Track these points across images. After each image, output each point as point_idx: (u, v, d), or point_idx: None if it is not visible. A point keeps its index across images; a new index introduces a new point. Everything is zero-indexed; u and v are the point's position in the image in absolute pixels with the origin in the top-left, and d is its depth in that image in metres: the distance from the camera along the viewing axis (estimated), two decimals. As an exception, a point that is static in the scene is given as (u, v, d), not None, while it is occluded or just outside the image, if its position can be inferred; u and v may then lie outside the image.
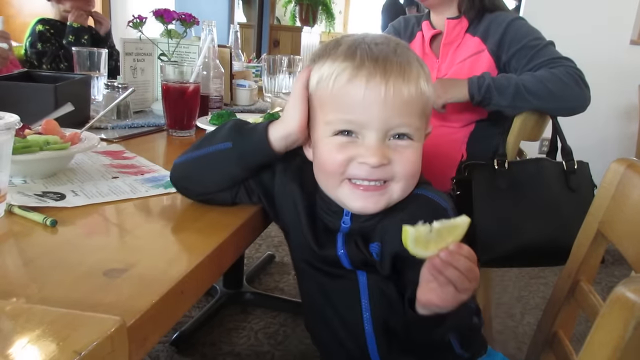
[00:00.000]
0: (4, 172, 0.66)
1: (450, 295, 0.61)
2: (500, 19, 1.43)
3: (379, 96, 0.67)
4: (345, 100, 0.68)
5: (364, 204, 0.71)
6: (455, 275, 0.60)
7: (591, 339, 0.43)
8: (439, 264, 0.60)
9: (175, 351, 1.66)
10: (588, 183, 1.33)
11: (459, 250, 0.60)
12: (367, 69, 0.67)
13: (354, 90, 0.67)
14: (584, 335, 0.46)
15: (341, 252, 0.75)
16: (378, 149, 0.68)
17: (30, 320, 0.42)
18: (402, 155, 0.69)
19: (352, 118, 0.68)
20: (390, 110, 0.67)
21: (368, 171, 0.69)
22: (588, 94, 1.32)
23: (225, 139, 0.75)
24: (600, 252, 0.81)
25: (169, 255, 0.64)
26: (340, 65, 0.69)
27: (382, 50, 0.69)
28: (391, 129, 0.69)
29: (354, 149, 0.69)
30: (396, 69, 0.68)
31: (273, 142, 0.73)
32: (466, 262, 0.60)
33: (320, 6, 6.44)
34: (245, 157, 0.74)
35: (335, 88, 0.69)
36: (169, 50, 1.46)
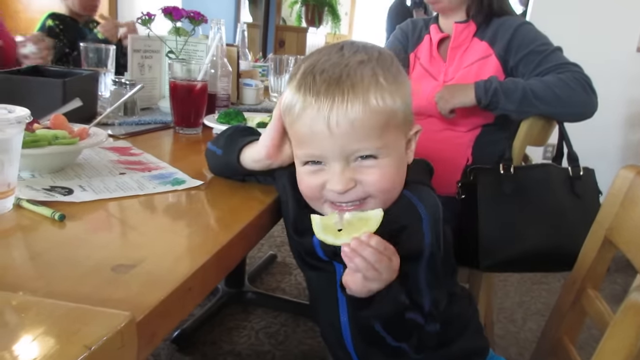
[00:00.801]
0: (13, 166, 0.66)
1: (359, 282, 0.65)
2: (508, 23, 1.43)
3: (325, 130, 0.67)
4: (300, 136, 0.71)
5: None
6: (362, 264, 0.63)
7: (603, 346, 0.43)
8: (347, 252, 0.64)
9: (176, 349, 1.65)
10: (593, 189, 1.32)
11: (367, 240, 0.63)
12: (310, 104, 0.68)
13: (304, 127, 0.70)
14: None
15: (316, 240, 0.76)
16: (342, 176, 0.69)
17: (40, 314, 0.42)
18: (370, 176, 0.70)
19: (311, 152, 0.71)
20: (340, 139, 0.68)
21: (339, 196, 0.71)
22: (595, 100, 1.31)
23: (220, 145, 0.86)
24: (607, 259, 0.81)
25: (177, 252, 0.64)
26: (294, 95, 0.70)
27: (325, 79, 0.68)
28: (352, 154, 0.69)
29: (323, 177, 0.71)
30: (338, 96, 0.67)
31: (245, 163, 0.81)
32: (373, 253, 0.63)
33: (326, 7, 6.45)
34: (228, 168, 0.84)
35: (292, 122, 0.72)
36: (177, 48, 1.46)
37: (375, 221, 0.65)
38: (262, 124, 1.15)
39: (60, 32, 2.36)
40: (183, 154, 1.12)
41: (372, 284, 0.66)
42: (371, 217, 0.65)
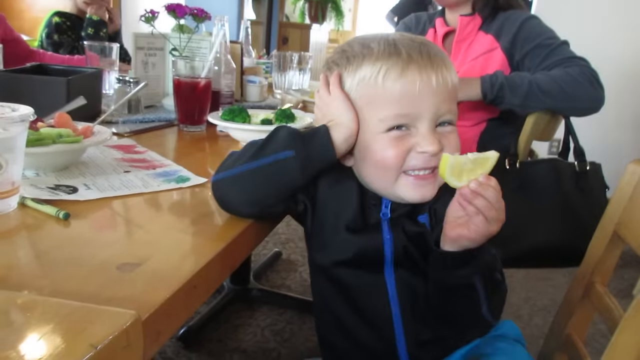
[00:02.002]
0: (17, 165, 0.66)
1: (481, 226, 0.64)
2: (514, 17, 1.42)
3: (432, 87, 0.70)
4: (399, 95, 0.71)
5: (423, 193, 0.73)
6: (484, 204, 0.63)
7: (615, 342, 0.42)
8: (468, 194, 0.63)
9: (182, 347, 1.66)
10: (600, 184, 1.31)
11: (487, 181, 0.63)
12: (416, 62, 0.70)
13: (408, 84, 0.70)
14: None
15: (387, 237, 0.76)
16: (434, 137, 0.71)
17: (46, 313, 0.41)
18: (450, 141, 0.73)
19: (407, 111, 0.71)
20: (440, 99, 0.71)
21: (426, 159, 0.71)
22: (602, 95, 1.30)
23: (285, 147, 0.71)
24: (616, 254, 0.80)
25: (182, 250, 0.64)
26: (387, 62, 0.71)
27: (421, 43, 0.73)
28: (439, 117, 0.72)
29: (410, 141, 0.71)
30: (439, 59, 0.72)
31: (338, 145, 0.73)
32: (493, 192, 0.63)
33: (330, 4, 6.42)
34: (310, 164, 0.71)
35: (387, 84, 0.71)
36: (181, 45, 1.45)
37: (491, 162, 0.64)
38: (267, 120, 1.14)
39: (67, 29, 2.38)
40: (187, 151, 1.12)
41: (493, 226, 0.64)
42: (489, 158, 0.65)
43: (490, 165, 0.64)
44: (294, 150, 0.71)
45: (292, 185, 0.73)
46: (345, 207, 0.78)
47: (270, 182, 0.71)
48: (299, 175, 0.71)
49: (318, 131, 0.73)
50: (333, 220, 0.78)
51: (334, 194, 0.78)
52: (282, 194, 0.73)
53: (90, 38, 2.18)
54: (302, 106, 1.62)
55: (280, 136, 0.73)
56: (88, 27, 2.34)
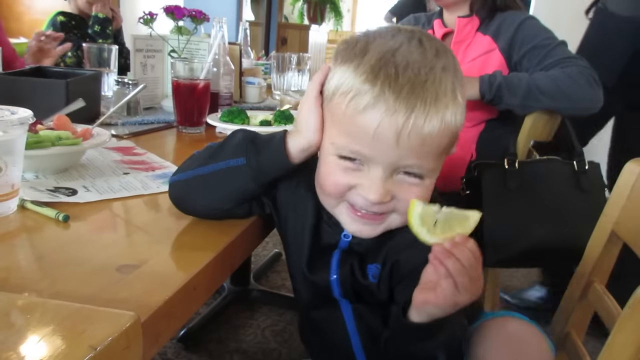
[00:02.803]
0: (17, 167, 0.66)
1: (448, 291, 0.56)
2: (512, 18, 1.42)
3: (393, 135, 0.60)
4: (356, 129, 0.62)
5: (360, 229, 0.67)
6: (456, 267, 0.56)
7: (612, 340, 0.43)
8: (442, 252, 0.57)
9: (182, 348, 1.66)
10: (599, 184, 1.32)
11: (464, 242, 0.57)
12: (385, 102, 0.60)
13: (367, 122, 0.61)
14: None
15: (334, 277, 0.71)
16: (381, 186, 0.63)
17: (45, 315, 0.42)
18: (408, 193, 0.64)
19: (360, 150, 0.63)
20: (403, 150, 0.61)
21: (368, 205, 0.64)
22: (600, 94, 1.30)
23: (236, 153, 0.68)
24: (614, 253, 0.80)
25: (181, 252, 0.64)
26: (360, 85, 0.61)
27: (409, 78, 0.60)
28: (400, 168, 0.63)
29: (357, 178, 0.64)
30: (420, 105, 0.60)
31: (293, 154, 0.67)
32: (469, 257, 0.56)
33: (328, 4, 6.43)
34: (262, 173, 0.68)
35: (349, 111, 0.62)
36: (179, 47, 1.46)
37: (472, 222, 0.58)
38: (265, 122, 1.14)
39: (72, 27, 2.39)
40: (186, 153, 1.10)
41: (462, 296, 0.57)
42: (469, 218, 0.58)
43: (470, 226, 0.58)
44: (245, 157, 0.67)
45: (246, 193, 0.70)
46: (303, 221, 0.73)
47: (221, 188, 0.69)
48: (251, 184, 0.68)
49: (274, 138, 0.69)
50: (292, 233, 0.74)
51: (293, 201, 0.74)
52: (237, 199, 0.70)
53: (97, 35, 2.19)
54: (301, 107, 1.62)
55: (234, 142, 0.70)
56: (94, 25, 2.36)
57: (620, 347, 0.41)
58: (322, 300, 0.74)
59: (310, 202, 0.72)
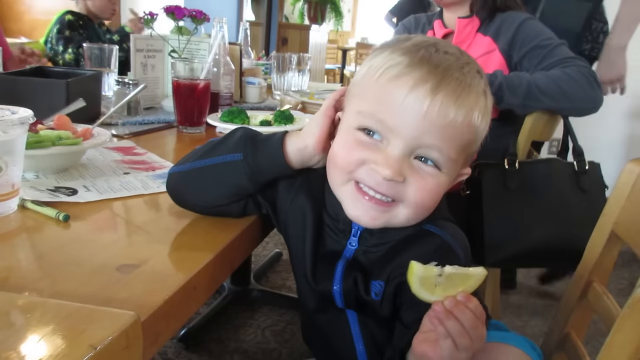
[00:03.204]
0: (17, 167, 0.66)
1: (447, 351, 0.54)
2: (512, 18, 1.42)
3: (421, 107, 0.59)
4: (383, 97, 0.61)
5: (361, 214, 0.65)
6: (457, 328, 0.54)
7: (611, 340, 0.43)
8: (441, 312, 0.54)
9: (183, 347, 1.66)
10: (599, 184, 1.32)
11: (466, 301, 0.54)
12: (419, 73, 0.60)
13: (397, 90, 0.60)
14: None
15: (336, 287, 0.69)
16: (396, 162, 0.61)
17: (45, 315, 0.42)
18: (420, 180, 0.62)
19: (384, 118, 0.61)
20: (427, 126, 0.60)
21: (377, 181, 0.62)
22: (601, 95, 1.30)
23: (234, 149, 0.68)
24: (614, 254, 0.80)
25: (181, 252, 0.64)
26: (395, 58, 0.62)
27: (446, 60, 0.61)
28: (420, 147, 0.61)
29: (372, 153, 0.62)
30: (452, 86, 0.60)
31: (289, 154, 0.67)
32: (471, 318, 0.54)
33: (329, 4, 6.43)
34: (257, 170, 0.68)
35: (380, 81, 0.62)
36: (180, 47, 1.46)
37: (476, 280, 0.55)
38: (266, 122, 1.15)
39: (79, 26, 2.41)
40: (187, 152, 1.12)
41: (462, 354, 0.55)
42: (472, 276, 0.55)
43: (473, 284, 0.55)
44: (242, 153, 0.67)
45: (240, 189, 0.70)
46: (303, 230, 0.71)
47: (216, 182, 0.69)
48: (245, 181, 0.68)
49: (273, 136, 0.69)
50: (293, 240, 0.73)
51: (293, 209, 0.72)
52: (231, 196, 0.70)
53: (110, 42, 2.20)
54: (301, 107, 1.62)
55: (234, 138, 0.70)
56: (116, 34, 2.44)
57: (619, 346, 0.41)
58: (327, 305, 0.73)
59: (309, 209, 0.71)
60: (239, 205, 0.72)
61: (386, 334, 0.70)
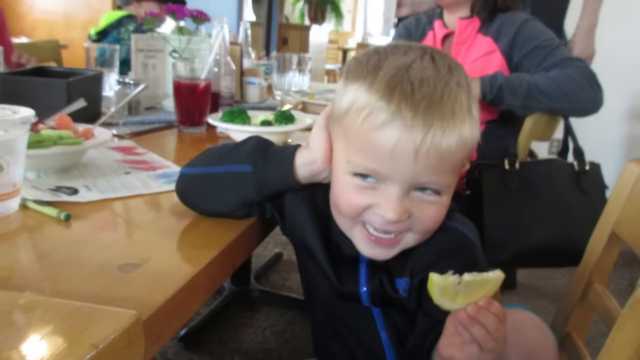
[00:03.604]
0: (19, 166, 0.66)
1: (474, 355, 0.57)
2: (513, 19, 1.42)
3: (411, 152, 0.59)
4: (372, 147, 0.61)
5: (375, 253, 0.66)
6: (482, 333, 0.56)
7: (612, 340, 0.43)
8: (465, 319, 0.56)
9: (183, 347, 1.66)
10: (599, 184, 1.32)
11: (488, 306, 0.56)
12: (402, 119, 0.58)
13: (385, 139, 0.59)
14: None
15: (364, 289, 0.71)
16: (398, 205, 0.61)
17: (47, 314, 0.42)
18: (424, 212, 0.63)
19: (377, 168, 0.61)
20: (421, 167, 0.60)
21: (384, 224, 0.63)
22: (601, 96, 1.31)
23: (245, 160, 0.69)
24: (614, 254, 0.80)
25: (182, 251, 0.64)
26: (375, 103, 0.60)
27: (425, 94, 0.59)
28: (417, 185, 0.62)
29: (373, 197, 0.63)
30: (438, 120, 0.59)
31: (298, 168, 0.68)
32: (494, 321, 0.56)
33: (329, 5, 6.43)
34: (265, 184, 0.68)
35: (365, 128, 0.61)
36: (181, 47, 1.46)
37: (494, 284, 0.56)
38: (266, 122, 1.15)
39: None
40: (187, 152, 1.12)
41: (487, 357, 0.57)
42: (490, 280, 0.56)
43: (492, 288, 0.56)
44: (252, 165, 0.68)
45: (247, 199, 0.71)
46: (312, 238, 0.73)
47: (223, 191, 0.70)
48: (253, 192, 0.69)
49: (285, 150, 0.69)
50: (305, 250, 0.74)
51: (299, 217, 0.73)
52: (236, 204, 0.71)
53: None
54: (301, 107, 1.63)
55: (246, 147, 0.71)
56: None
57: (619, 346, 0.41)
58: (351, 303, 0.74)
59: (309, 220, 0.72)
60: (244, 211, 0.73)
61: (408, 323, 0.72)
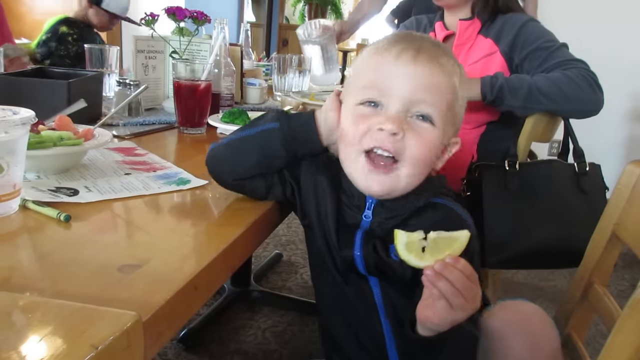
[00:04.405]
0: (19, 167, 0.67)
1: (443, 311, 0.59)
2: (513, 20, 1.42)
3: (409, 67, 0.71)
4: (376, 68, 0.73)
5: (370, 183, 0.72)
6: (447, 288, 0.58)
7: (611, 341, 0.43)
8: (432, 275, 0.59)
9: (183, 348, 1.66)
10: (599, 185, 1.32)
11: (454, 263, 0.59)
12: (407, 42, 0.73)
13: (389, 57, 0.72)
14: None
15: (357, 253, 0.75)
16: (396, 118, 0.70)
17: (47, 315, 0.42)
18: (418, 135, 0.71)
19: (380, 83, 0.72)
20: (417, 83, 0.71)
21: (381, 138, 0.70)
22: (601, 97, 1.30)
23: (271, 120, 0.77)
24: (614, 255, 0.80)
25: (182, 252, 0.64)
26: (381, 42, 0.75)
27: (424, 38, 0.75)
28: (414, 104, 0.71)
29: (375, 118, 0.71)
30: (430, 54, 0.72)
31: (319, 125, 0.76)
32: (460, 277, 0.58)
33: (330, 6, 6.43)
34: (291, 138, 0.76)
35: (372, 57, 0.75)
36: (181, 48, 1.46)
37: (461, 243, 0.59)
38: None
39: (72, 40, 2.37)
40: (188, 153, 1.12)
41: (458, 314, 0.60)
42: (458, 239, 0.60)
43: (460, 246, 0.59)
44: (279, 122, 0.76)
45: (273, 157, 0.77)
46: (323, 202, 0.78)
47: (254, 150, 0.77)
48: (280, 147, 0.76)
49: (304, 113, 0.79)
50: (315, 215, 0.79)
51: (314, 184, 0.79)
52: (266, 164, 0.78)
53: None
54: (302, 108, 1.62)
55: (270, 114, 0.80)
56: None
57: (619, 347, 0.41)
58: (349, 273, 0.78)
59: (328, 186, 0.78)
60: (266, 182, 0.78)
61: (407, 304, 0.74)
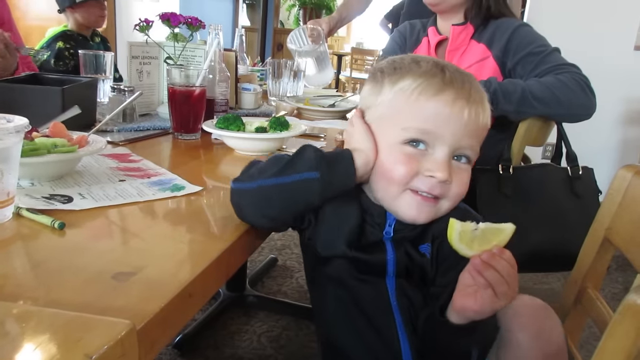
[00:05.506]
0: (12, 175, 0.66)
1: (488, 299, 0.63)
2: (506, 25, 1.43)
3: (462, 116, 0.71)
4: (428, 112, 0.72)
5: (417, 215, 0.74)
6: (495, 277, 0.62)
7: (603, 346, 0.43)
8: (480, 265, 0.62)
9: (178, 354, 1.65)
10: (592, 189, 1.33)
11: (501, 253, 0.62)
12: (455, 88, 0.72)
13: (442, 104, 0.71)
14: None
15: (391, 256, 0.77)
16: (446, 166, 0.71)
17: (41, 323, 0.42)
18: (460, 177, 0.73)
19: (431, 129, 0.71)
20: (466, 131, 0.72)
21: (432, 185, 0.72)
22: (594, 101, 1.31)
23: (311, 167, 0.73)
24: (607, 259, 0.81)
25: (177, 259, 0.64)
26: (428, 79, 0.73)
27: (466, 77, 0.74)
28: (459, 149, 0.73)
29: (422, 162, 0.72)
30: (478, 97, 0.73)
31: (358, 169, 0.74)
32: (507, 266, 0.62)
33: (324, 10, 6.45)
34: (329, 188, 0.73)
35: (421, 99, 0.72)
36: (175, 54, 1.46)
37: (506, 234, 0.63)
38: (261, 128, 1.15)
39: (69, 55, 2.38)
40: (182, 159, 1.12)
41: (501, 301, 0.64)
42: (504, 230, 0.63)
43: (505, 238, 0.62)
44: (319, 172, 0.72)
45: (308, 205, 0.75)
46: (345, 224, 0.78)
47: (290, 199, 0.73)
48: (317, 197, 0.73)
49: (342, 155, 0.75)
50: (333, 236, 0.78)
51: (336, 211, 0.78)
52: (297, 211, 0.77)
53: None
54: (296, 113, 1.63)
55: (307, 156, 0.74)
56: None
57: (610, 353, 0.41)
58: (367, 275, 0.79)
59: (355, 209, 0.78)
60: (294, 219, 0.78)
61: (420, 300, 0.78)
